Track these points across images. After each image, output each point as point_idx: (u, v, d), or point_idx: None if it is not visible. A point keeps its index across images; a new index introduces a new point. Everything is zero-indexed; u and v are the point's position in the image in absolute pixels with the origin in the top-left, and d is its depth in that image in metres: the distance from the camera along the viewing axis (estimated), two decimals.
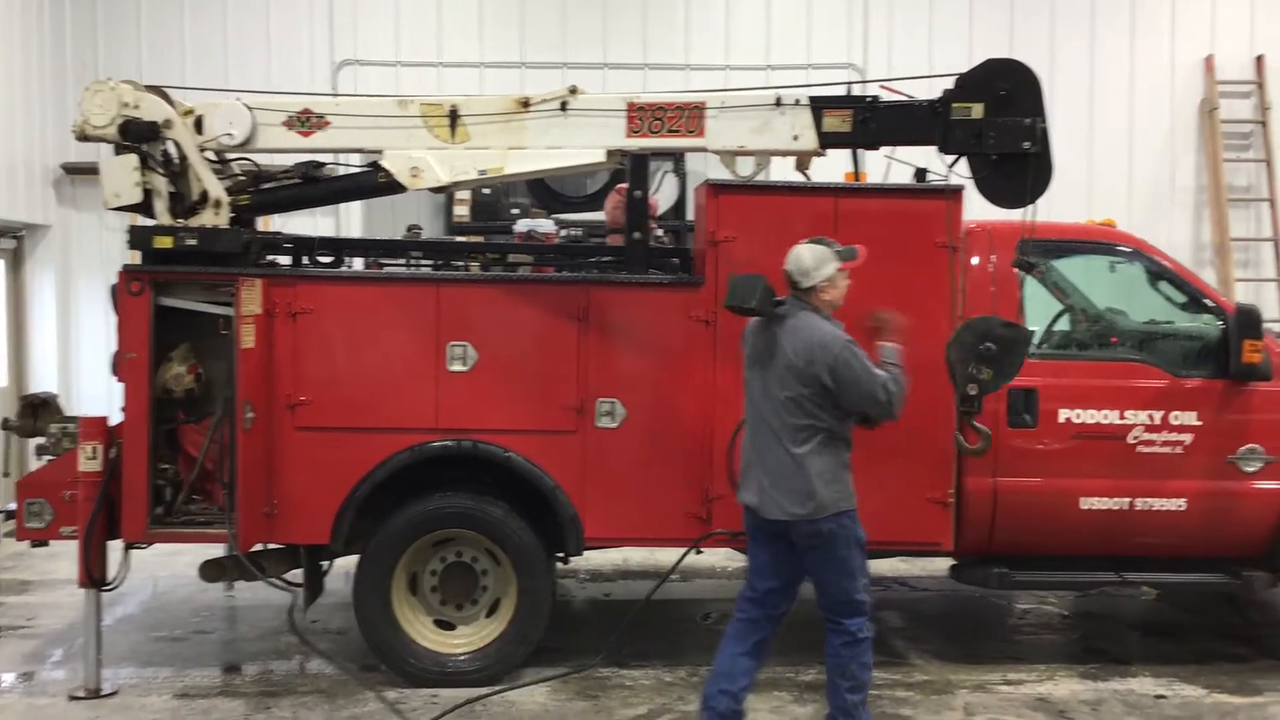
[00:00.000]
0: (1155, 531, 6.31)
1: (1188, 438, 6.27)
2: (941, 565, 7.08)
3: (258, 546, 6.14)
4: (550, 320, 6.06)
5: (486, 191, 10.81)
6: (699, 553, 6.39)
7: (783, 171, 6.53)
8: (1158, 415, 6.26)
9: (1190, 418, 6.27)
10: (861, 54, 11.97)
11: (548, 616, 6.18)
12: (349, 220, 11.44)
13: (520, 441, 6.04)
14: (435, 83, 11.55)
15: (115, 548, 6.03)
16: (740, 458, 5.37)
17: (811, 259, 5.12)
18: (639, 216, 6.29)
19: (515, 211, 10.42)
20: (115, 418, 5.97)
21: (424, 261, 6.94)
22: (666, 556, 8.86)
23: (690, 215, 9.28)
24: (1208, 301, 6.50)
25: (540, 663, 6.31)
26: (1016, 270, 6.08)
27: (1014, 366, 5.63)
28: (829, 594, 5.13)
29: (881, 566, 8.62)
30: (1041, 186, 5.69)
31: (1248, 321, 6.21)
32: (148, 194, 5.94)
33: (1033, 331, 5.81)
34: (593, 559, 8.69)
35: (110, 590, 6.05)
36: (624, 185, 6.44)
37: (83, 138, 5.99)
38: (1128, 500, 6.24)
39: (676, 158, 10.63)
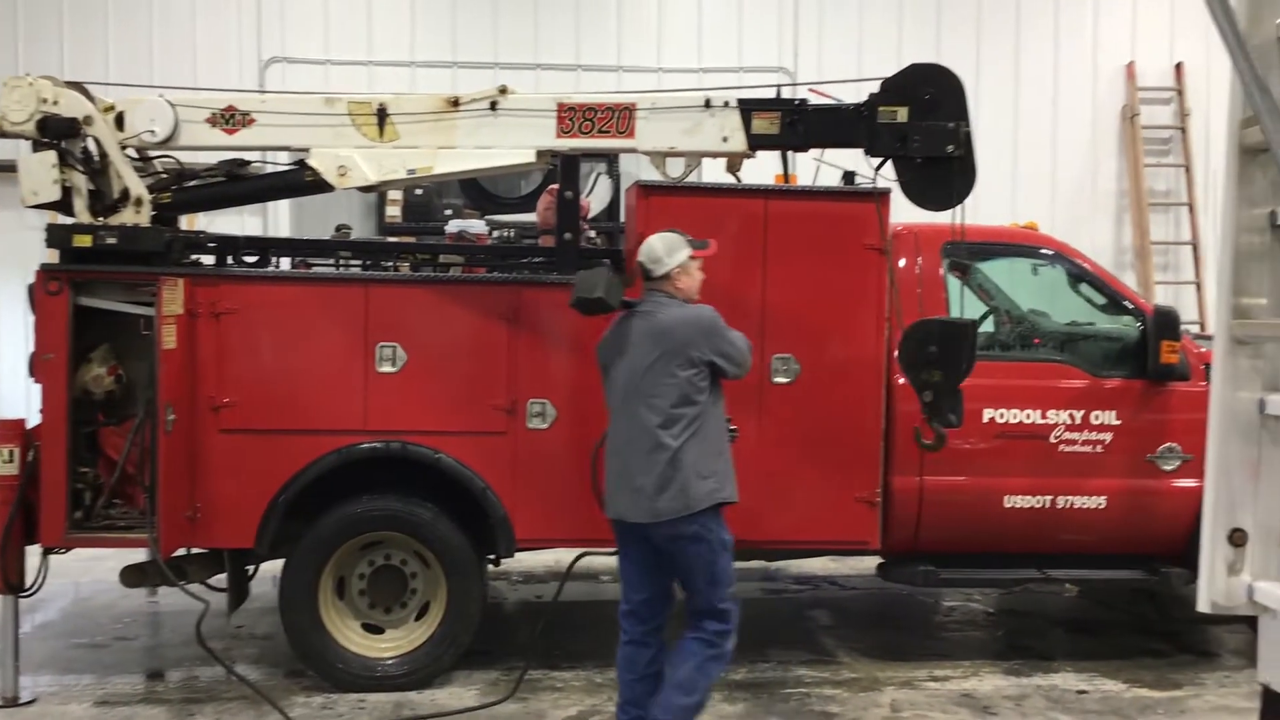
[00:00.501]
0: (1077, 529, 6.42)
1: (1108, 437, 6.39)
2: (870, 564, 7.15)
3: (181, 551, 6.04)
4: (481, 321, 6.04)
5: (419, 192, 10.73)
6: None
7: (715, 173, 6.57)
8: (1079, 415, 6.38)
9: (1110, 417, 6.39)
10: (792, 58, 12.09)
11: (478, 619, 6.14)
12: (277, 219, 11.31)
13: (450, 443, 6.00)
14: (366, 81, 11.46)
15: (34, 553, 5.90)
16: (605, 472, 5.13)
17: (663, 246, 5.04)
18: (570, 217, 6.28)
19: (448, 212, 10.37)
20: (33, 420, 5.84)
21: (353, 262, 6.88)
22: (598, 558, 8.87)
23: (624, 217, 9.29)
24: (1127, 303, 6.64)
25: (471, 665, 6.28)
26: (954, 272, 6.17)
27: (961, 361, 5.66)
28: (693, 599, 4.98)
29: (811, 565, 8.72)
30: (965, 190, 5.77)
31: (1165, 323, 6.35)
32: (67, 191, 5.82)
33: (973, 321, 5.83)
34: (525, 561, 8.65)
35: (28, 596, 5.91)
36: (555, 186, 6.43)
37: (0, 134, 5.84)
38: (1050, 498, 6.35)
39: (610, 159, 10.65)
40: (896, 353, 5.82)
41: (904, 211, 6.16)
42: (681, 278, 5.06)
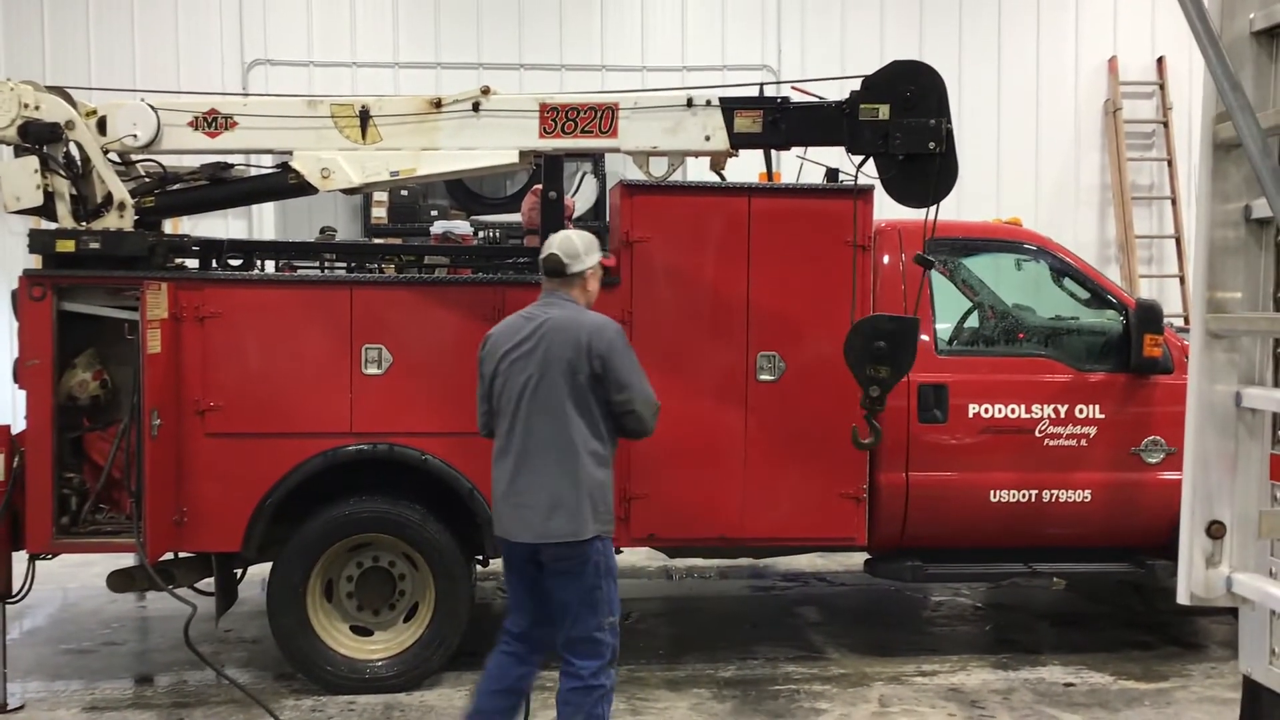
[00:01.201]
0: (1063, 523, 6.45)
1: (1092, 431, 6.41)
2: (857, 560, 7.17)
3: (168, 555, 6.04)
4: (465, 322, 6.03)
5: (404, 193, 10.75)
6: (618, 552, 6.35)
7: (699, 172, 6.59)
8: (1063, 409, 6.40)
9: (1094, 411, 6.42)
10: (775, 56, 12.12)
11: (467, 620, 6.15)
12: (262, 222, 11.29)
13: (437, 444, 6.00)
14: (349, 83, 11.46)
15: (20, 559, 5.88)
16: (492, 486, 4.75)
17: (583, 243, 4.75)
18: (554, 217, 6.28)
19: (433, 214, 10.38)
20: (18, 426, 5.82)
21: (338, 264, 6.88)
22: None
23: (608, 216, 9.30)
24: (1110, 297, 6.66)
25: (460, 667, 6.28)
26: (920, 266, 6.18)
27: (908, 358, 5.67)
28: (567, 628, 4.61)
29: (799, 562, 8.75)
30: (947, 186, 5.78)
31: (1148, 316, 6.37)
32: (49, 197, 5.81)
33: (918, 319, 5.87)
34: None
35: (15, 602, 5.90)
36: (540, 186, 6.44)
37: None
38: (1035, 492, 6.37)
39: (596, 159, 10.66)
40: (844, 350, 5.76)
41: (891, 209, 6.17)
42: (592, 280, 4.80)
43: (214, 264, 6.54)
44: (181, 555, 6.18)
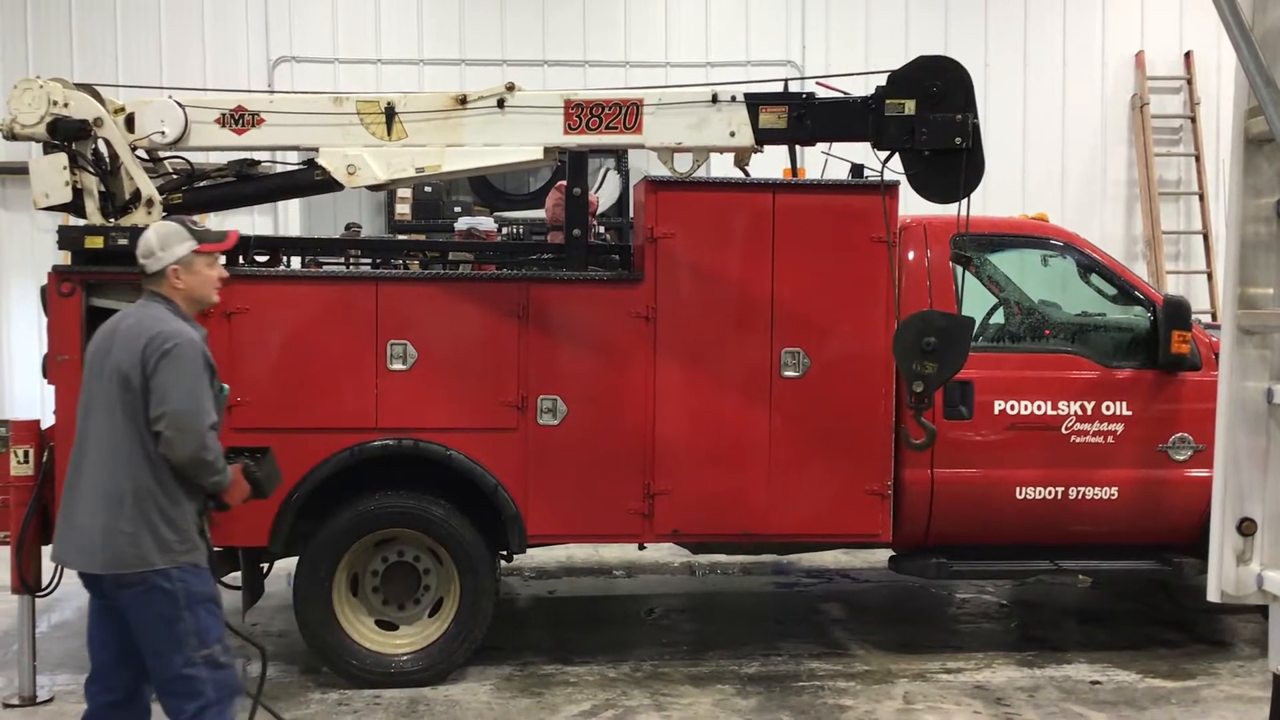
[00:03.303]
0: (1090, 520, 6.42)
1: (1119, 427, 6.38)
2: (882, 557, 7.16)
3: None
4: (490, 318, 6.05)
5: (428, 189, 10.80)
6: (641, 549, 6.40)
7: (724, 168, 6.58)
8: (1090, 405, 6.36)
9: (1121, 408, 6.38)
10: (800, 52, 12.09)
11: (491, 615, 6.17)
12: (287, 219, 11.36)
13: (461, 440, 6.02)
14: (374, 80, 11.50)
15: (50, 553, 5.93)
16: (61, 495, 4.21)
17: (157, 238, 4.19)
18: (578, 214, 6.30)
19: (457, 210, 10.41)
20: (48, 421, 5.88)
21: (363, 260, 6.91)
22: (610, 553, 8.94)
23: (632, 213, 9.30)
24: (1137, 293, 6.62)
25: (484, 661, 6.31)
26: (954, 264, 6.17)
27: (958, 357, 5.65)
28: (154, 670, 4.06)
29: (823, 559, 8.74)
30: (973, 182, 5.74)
31: (1175, 313, 6.33)
32: (78, 193, 5.84)
33: (972, 319, 5.82)
34: (537, 556, 8.70)
35: (45, 596, 5.94)
36: (564, 182, 6.45)
37: (11, 137, 5.88)
38: (1062, 489, 6.34)
39: (619, 155, 10.68)
40: (892, 340, 5.75)
41: (917, 204, 6.15)
42: (182, 276, 4.20)
43: (240, 260, 6.58)
44: None
